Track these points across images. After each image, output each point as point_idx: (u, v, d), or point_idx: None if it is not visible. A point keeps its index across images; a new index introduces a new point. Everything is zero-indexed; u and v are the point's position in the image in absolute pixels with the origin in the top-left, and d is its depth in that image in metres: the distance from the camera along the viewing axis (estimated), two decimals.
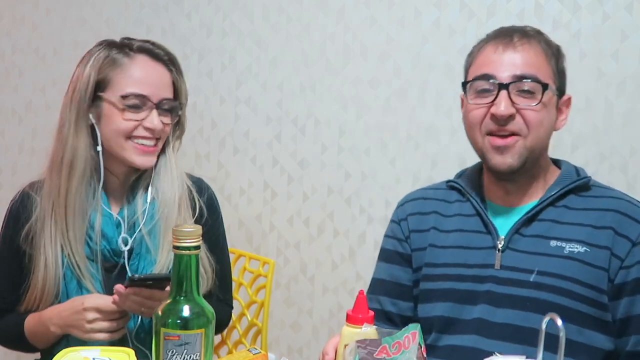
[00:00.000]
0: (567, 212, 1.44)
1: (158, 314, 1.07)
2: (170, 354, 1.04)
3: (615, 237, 1.38)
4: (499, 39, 1.44)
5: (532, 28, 1.49)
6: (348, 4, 2.27)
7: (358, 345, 1.12)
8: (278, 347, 2.42)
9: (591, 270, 1.37)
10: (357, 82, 2.27)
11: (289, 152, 2.38)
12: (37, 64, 2.69)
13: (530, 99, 1.40)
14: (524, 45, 1.42)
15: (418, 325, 1.15)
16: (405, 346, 1.12)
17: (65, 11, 2.64)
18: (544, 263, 1.40)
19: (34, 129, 2.72)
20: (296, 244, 2.39)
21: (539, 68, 1.41)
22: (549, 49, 1.45)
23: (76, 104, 1.51)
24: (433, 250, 1.52)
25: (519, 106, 1.40)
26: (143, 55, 1.55)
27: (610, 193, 1.47)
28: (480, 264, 1.45)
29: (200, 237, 1.08)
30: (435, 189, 1.61)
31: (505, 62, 1.41)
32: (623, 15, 1.98)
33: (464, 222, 1.51)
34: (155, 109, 1.52)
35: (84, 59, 1.57)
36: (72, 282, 1.51)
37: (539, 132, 1.42)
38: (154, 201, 1.56)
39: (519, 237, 1.44)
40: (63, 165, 1.52)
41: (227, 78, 2.44)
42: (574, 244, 1.39)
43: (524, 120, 1.41)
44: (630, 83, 1.99)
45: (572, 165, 1.53)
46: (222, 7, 2.43)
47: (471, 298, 1.44)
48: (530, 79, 1.40)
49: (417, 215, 1.58)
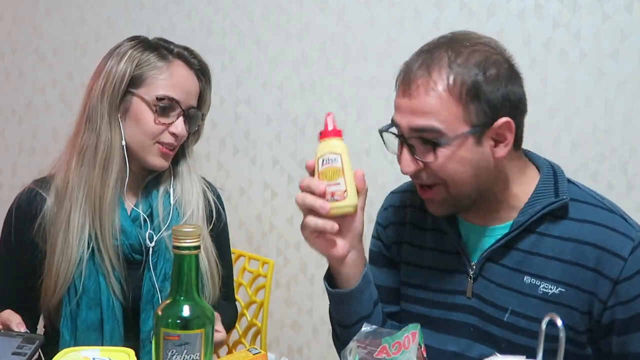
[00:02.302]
0: (542, 240, 1.30)
1: (158, 314, 1.07)
2: (170, 354, 1.05)
3: (597, 278, 1.25)
4: (404, 79, 1.27)
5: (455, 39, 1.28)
6: (348, 4, 2.27)
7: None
8: (278, 347, 2.42)
9: (567, 312, 1.26)
10: (357, 82, 2.27)
11: (289, 152, 2.38)
12: (37, 64, 2.69)
13: (429, 152, 1.25)
14: (420, 88, 1.23)
15: (418, 325, 1.15)
16: (405, 346, 1.12)
17: (65, 11, 2.64)
18: (518, 302, 1.29)
19: (34, 129, 2.72)
20: (296, 244, 2.39)
21: (436, 115, 1.22)
22: (459, 78, 1.22)
23: (109, 96, 1.50)
24: (407, 268, 1.44)
25: (422, 160, 1.26)
26: (179, 61, 1.56)
27: (590, 215, 1.29)
28: (452, 290, 1.36)
29: (199, 237, 1.08)
30: (413, 193, 1.44)
31: (403, 109, 1.26)
32: (623, 15, 1.98)
33: (439, 239, 1.40)
34: (182, 115, 1.53)
35: (116, 52, 1.54)
36: (91, 277, 1.50)
37: (455, 181, 1.26)
38: (177, 205, 1.58)
39: (492, 266, 1.32)
40: (97, 157, 1.50)
41: (227, 78, 2.44)
42: (548, 283, 1.27)
43: (432, 172, 1.26)
44: (630, 83, 1.99)
45: (551, 172, 1.35)
46: (222, 7, 2.43)
47: (445, 327, 1.37)
48: (426, 131, 1.23)
49: (395, 225, 1.48)
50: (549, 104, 2.05)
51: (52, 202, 1.52)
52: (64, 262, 1.49)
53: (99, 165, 1.50)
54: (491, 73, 1.23)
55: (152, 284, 1.53)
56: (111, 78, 1.51)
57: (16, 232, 1.54)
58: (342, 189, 1.23)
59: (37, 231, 1.52)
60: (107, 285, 1.51)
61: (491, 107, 1.24)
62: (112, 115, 1.51)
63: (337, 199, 1.23)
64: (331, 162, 1.23)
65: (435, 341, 1.36)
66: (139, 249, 1.54)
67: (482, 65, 1.23)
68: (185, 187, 1.60)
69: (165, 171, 1.59)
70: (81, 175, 1.51)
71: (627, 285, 1.25)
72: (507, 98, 1.24)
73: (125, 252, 1.53)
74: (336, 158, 1.24)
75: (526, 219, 1.29)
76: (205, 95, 1.61)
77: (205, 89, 1.61)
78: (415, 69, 1.25)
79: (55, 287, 1.50)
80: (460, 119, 1.23)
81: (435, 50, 1.26)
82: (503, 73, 1.24)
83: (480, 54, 1.24)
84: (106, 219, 1.50)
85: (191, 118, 1.56)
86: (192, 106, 1.56)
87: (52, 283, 1.50)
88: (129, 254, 1.54)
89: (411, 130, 1.25)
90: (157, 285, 1.53)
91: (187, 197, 1.59)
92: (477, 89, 1.22)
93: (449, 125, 1.23)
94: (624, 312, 1.26)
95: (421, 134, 1.24)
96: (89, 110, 1.52)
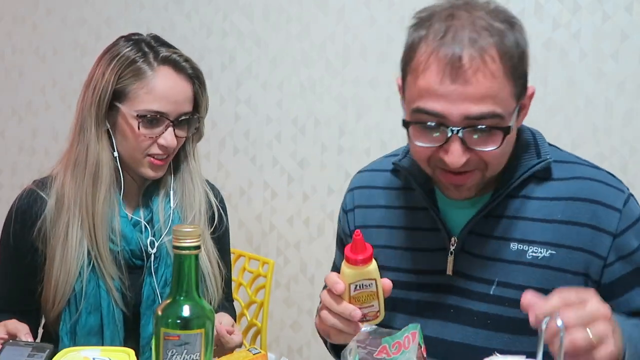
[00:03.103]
0: (527, 203, 1.23)
1: (158, 314, 1.07)
2: (170, 354, 1.04)
3: (593, 233, 1.19)
4: (445, 60, 1.10)
5: (484, 24, 1.12)
6: (348, 4, 2.27)
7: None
8: (278, 347, 2.42)
9: (559, 275, 1.20)
10: (357, 82, 2.27)
11: (289, 152, 2.39)
12: (37, 64, 2.69)
13: (487, 142, 1.14)
14: (476, 71, 1.10)
15: (418, 325, 1.15)
16: (405, 346, 1.12)
17: (65, 11, 2.64)
18: (505, 272, 1.22)
19: (34, 129, 2.72)
20: (296, 244, 2.39)
21: (495, 99, 1.11)
22: (507, 51, 1.12)
23: (95, 107, 1.46)
24: (380, 251, 1.28)
25: (474, 149, 1.15)
26: (167, 67, 1.48)
27: (576, 172, 1.24)
28: (430, 270, 1.28)
29: (199, 237, 1.08)
30: (382, 171, 1.37)
31: (452, 97, 1.10)
32: (623, 15, 1.98)
33: (413, 218, 1.31)
34: (171, 126, 1.48)
35: (107, 55, 1.49)
36: (91, 283, 1.49)
37: (501, 162, 1.20)
38: (178, 209, 1.55)
39: (475, 238, 1.24)
40: (87, 171, 1.47)
41: (227, 78, 2.44)
42: (537, 246, 1.21)
43: (480, 158, 1.16)
44: (630, 83, 1.99)
45: (530, 135, 1.28)
46: (222, 7, 2.43)
47: (423, 310, 1.28)
48: (487, 118, 1.12)
49: (361, 208, 1.38)
50: (549, 104, 2.05)
51: (53, 206, 1.50)
52: (63, 274, 1.47)
53: (87, 181, 1.47)
54: (520, 31, 1.15)
55: (153, 289, 1.52)
56: (97, 90, 1.46)
57: (16, 235, 1.52)
58: (376, 310, 1.18)
59: (38, 235, 1.50)
60: (107, 291, 1.49)
61: (525, 77, 1.17)
62: (99, 128, 1.47)
63: (370, 319, 1.19)
64: (365, 288, 1.17)
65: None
66: (139, 254, 1.52)
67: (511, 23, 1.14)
68: (187, 190, 1.56)
69: (166, 174, 1.56)
70: (75, 189, 1.48)
71: (626, 237, 1.20)
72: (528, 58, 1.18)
73: (125, 258, 1.51)
74: (371, 283, 1.17)
75: (509, 183, 1.22)
76: (200, 99, 1.54)
77: (199, 91, 1.53)
78: (460, 44, 1.10)
79: (55, 300, 1.49)
80: (511, 95, 1.14)
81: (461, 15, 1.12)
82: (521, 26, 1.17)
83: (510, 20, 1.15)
84: (100, 232, 1.47)
85: (188, 122, 1.51)
86: (185, 112, 1.50)
87: (51, 295, 1.49)
88: (129, 260, 1.52)
89: (468, 118, 1.11)
90: (158, 291, 1.52)
91: (188, 201, 1.56)
92: (520, 56, 1.14)
93: (506, 106, 1.13)
94: (626, 266, 1.20)
95: (480, 122, 1.12)
96: (81, 119, 1.49)
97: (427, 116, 1.14)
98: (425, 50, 1.13)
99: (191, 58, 1.54)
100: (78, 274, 1.48)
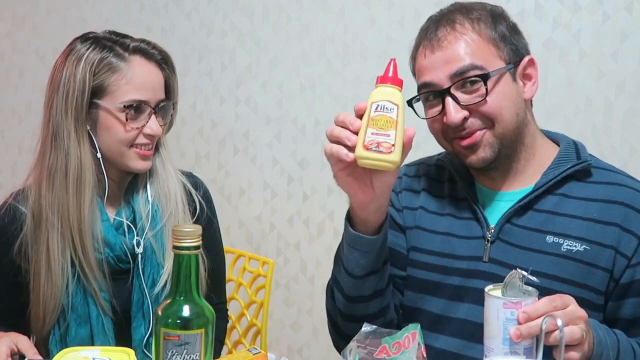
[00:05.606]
0: (565, 201, 1.32)
1: (158, 313, 1.07)
2: (170, 354, 1.04)
3: (621, 233, 1.28)
4: (425, 41, 1.34)
5: (461, 5, 1.37)
6: (348, 4, 2.27)
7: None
8: (278, 347, 2.42)
9: (590, 271, 1.27)
10: (357, 82, 2.27)
11: (289, 152, 2.39)
12: (37, 64, 2.69)
13: (475, 94, 1.30)
14: (449, 40, 1.31)
15: (418, 325, 1.15)
16: (405, 346, 1.12)
17: (65, 11, 2.64)
18: (539, 262, 1.28)
19: (34, 129, 2.68)
20: (296, 244, 2.39)
21: (473, 55, 1.30)
22: (482, 25, 1.33)
23: (73, 111, 1.43)
24: (420, 234, 1.42)
25: (469, 105, 1.30)
26: (138, 57, 1.47)
27: (614, 178, 1.34)
28: (468, 256, 1.35)
29: (200, 237, 1.08)
30: (428, 165, 1.50)
31: (436, 65, 1.31)
32: (623, 15, 1.98)
33: (455, 206, 1.41)
34: (153, 114, 1.48)
35: (69, 58, 1.46)
36: (78, 295, 1.47)
37: (502, 118, 1.31)
38: (156, 202, 1.53)
39: (511, 228, 1.33)
40: (69, 179, 1.44)
41: (227, 78, 2.44)
42: (572, 240, 1.29)
43: (481, 115, 1.31)
44: (630, 83, 1.99)
45: (572, 142, 1.41)
46: (222, 7, 2.43)
47: (458, 294, 1.35)
48: (467, 70, 1.29)
49: (408, 192, 1.48)
50: (549, 104, 2.05)
51: (31, 221, 1.46)
52: (50, 288, 1.44)
53: (71, 188, 1.44)
54: (507, 20, 1.36)
55: (142, 291, 1.49)
56: (71, 91, 1.43)
57: None
58: (391, 142, 1.14)
59: (19, 252, 1.46)
60: (94, 301, 1.46)
61: (515, 48, 1.34)
62: (79, 130, 1.44)
63: (382, 151, 1.14)
64: (386, 111, 1.15)
65: (445, 309, 1.36)
66: (125, 258, 1.50)
67: (497, 14, 1.36)
68: (161, 180, 1.54)
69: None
70: (54, 200, 1.44)
71: None
72: (523, 42, 1.37)
73: (110, 264, 1.49)
74: (393, 108, 1.15)
75: (550, 179, 1.32)
76: (172, 83, 1.54)
77: (170, 77, 1.53)
78: (436, 26, 1.34)
79: (45, 317, 1.46)
80: (495, 56, 1.32)
81: (447, 15, 1.35)
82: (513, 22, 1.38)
83: (489, 9, 1.36)
84: (87, 239, 1.45)
85: (164, 110, 1.51)
86: (161, 99, 1.50)
87: (40, 312, 1.46)
88: (114, 265, 1.49)
89: (452, 77, 1.30)
90: (147, 292, 1.49)
91: (163, 191, 1.53)
92: (501, 32, 1.33)
93: (487, 61, 1.30)
94: None
95: (463, 76, 1.29)
96: (54, 127, 1.45)
97: (425, 90, 1.34)
98: (415, 47, 1.38)
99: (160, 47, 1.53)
100: (65, 287, 1.45)
